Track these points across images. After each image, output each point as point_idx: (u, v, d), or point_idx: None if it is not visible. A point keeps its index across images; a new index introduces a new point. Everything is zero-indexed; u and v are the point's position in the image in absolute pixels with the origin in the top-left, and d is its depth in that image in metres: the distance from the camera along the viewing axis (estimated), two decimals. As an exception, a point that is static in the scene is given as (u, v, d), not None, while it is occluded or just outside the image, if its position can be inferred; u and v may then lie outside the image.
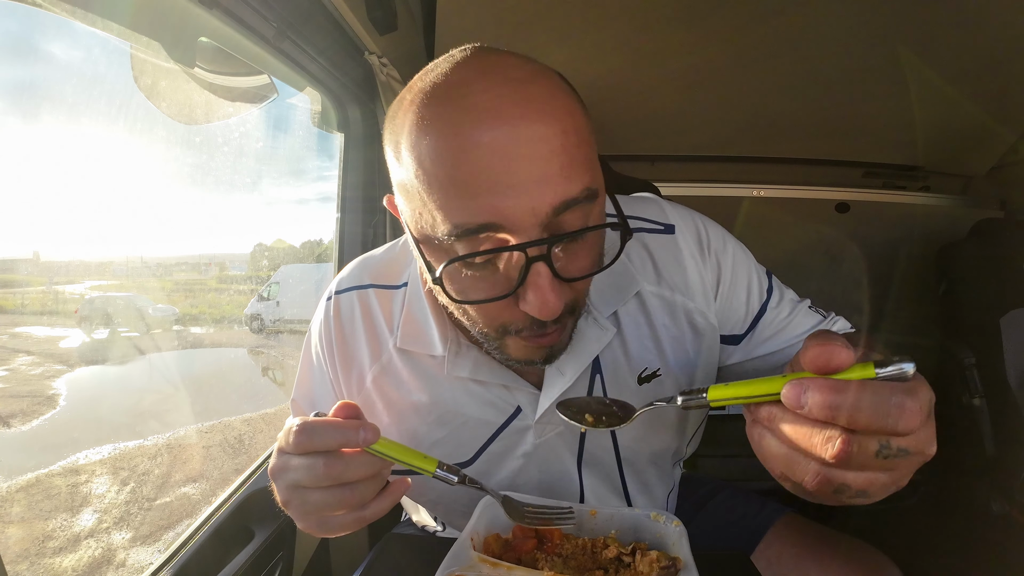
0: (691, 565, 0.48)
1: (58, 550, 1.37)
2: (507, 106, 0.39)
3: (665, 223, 0.63)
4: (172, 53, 0.77)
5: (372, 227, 1.32)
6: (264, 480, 0.91)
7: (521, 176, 0.39)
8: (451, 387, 0.60)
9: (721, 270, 0.62)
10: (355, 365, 0.63)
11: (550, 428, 0.60)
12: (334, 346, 0.63)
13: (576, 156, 0.41)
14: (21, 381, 1.93)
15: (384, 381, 0.61)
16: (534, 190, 0.39)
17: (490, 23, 1.24)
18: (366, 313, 0.63)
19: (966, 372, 1.54)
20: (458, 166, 0.39)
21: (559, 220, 0.41)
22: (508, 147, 0.39)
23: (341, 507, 0.43)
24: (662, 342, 0.60)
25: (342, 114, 1.24)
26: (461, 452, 0.61)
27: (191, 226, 2.21)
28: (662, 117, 1.59)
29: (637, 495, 0.68)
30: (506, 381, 0.58)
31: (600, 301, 0.59)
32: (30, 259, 1.65)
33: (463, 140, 0.39)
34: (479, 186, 0.39)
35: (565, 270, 0.43)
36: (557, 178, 0.40)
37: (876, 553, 0.73)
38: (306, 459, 0.43)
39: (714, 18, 1.20)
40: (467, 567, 0.48)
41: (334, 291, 0.65)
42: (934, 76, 1.34)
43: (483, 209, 0.39)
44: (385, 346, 0.62)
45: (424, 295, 0.60)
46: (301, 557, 0.97)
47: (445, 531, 0.78)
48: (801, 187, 1.80)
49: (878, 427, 0.30)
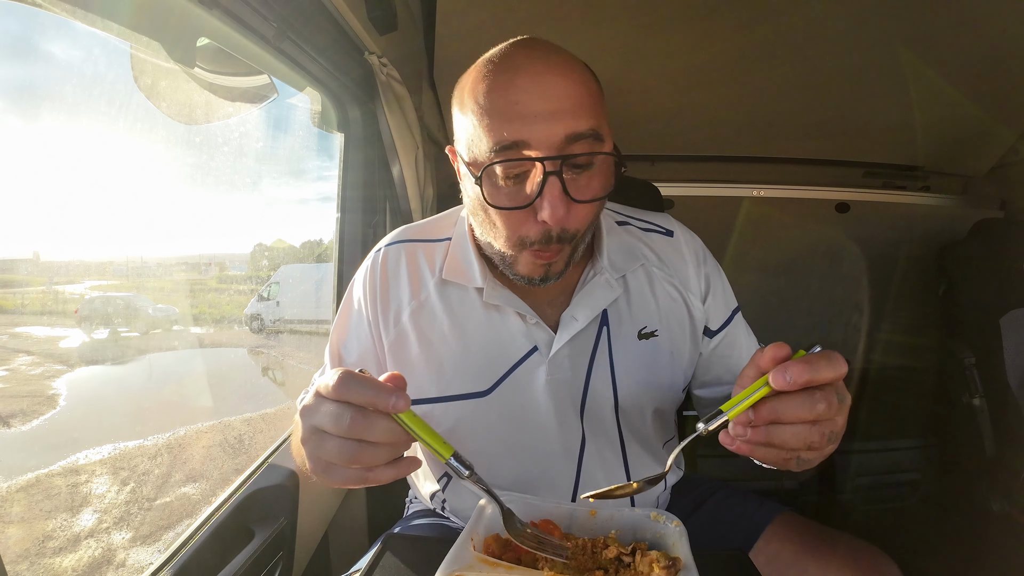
0: (691, 565, 0.48)
1: (58, 550, 1.37)
2: (537, 65, 0.55)
3: (668, 228, 0.78)
4: (172, 53, 0.77)
5: (372, 227, 1.32)
6: (264, 480, 0.91)
7: (542, 109, 0.54)
8: (480, 319, 0.69)
9: (710, 286, 0.76)
10: (394, 304, 0.71)
11: (559, 371, 0.68)
12: (377, 290, 0.72)
13: (584, 104, 0.56)
14: (21, 381, 1.93)
15: (420, 316, 0.70)
16: (552, 120, 0.54)
17: (490, 23, 1.24)
18: (411, 260, 0.73)
19: (966, 372, 1.54)
20: (500, 100, 0.55)
21: (570, 147, 0.55)
22: (535, 90, 0.54)
23: (351, 462, 0.45)
24: (661, 310, 0.72)
25: (342, 114, 1.24)
26: (481, 381, 0.68)
27: (191, 226, 2.22)
28: (662, 117, 1.59)
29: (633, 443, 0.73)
30: (528, 315, 0.68)
31: (612, 265, 0.70)
32: (30, 259, 1.65)
33: (506, 84, 0.55)
34: (513, 114, 0.54)
35: (573, 191, 0.55)
36: (569, 115, 0.54)
37: (874, 550, 0.73)
38: (337, 407, 0.45)
39: (714, 18, 1.20)
40: (467, 567, 0.48)
41: (383, 245, 0.76)
42: (934, 76, 1.34)
43: (515, 130, 0.54)
44: (425, 286, 0.71)
45: (468, 239, 0.71)
46: (301, 557, 0.97)
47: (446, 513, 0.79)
48: (801, 187, 1.80)
49: (833, 376, 0.43)
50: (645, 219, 0.79)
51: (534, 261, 0.60)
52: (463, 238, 0.72)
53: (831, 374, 0.43)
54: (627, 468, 0.73)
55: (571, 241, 0.60)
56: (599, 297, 0.69)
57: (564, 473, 0.70)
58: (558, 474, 0.70)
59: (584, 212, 0.58)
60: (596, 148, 0.56)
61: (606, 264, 0.70)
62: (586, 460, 0.71)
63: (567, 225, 0.57)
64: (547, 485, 0.71)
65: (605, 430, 0.71)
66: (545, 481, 0.71)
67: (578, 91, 0.56)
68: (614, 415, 0.71)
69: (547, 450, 0.70)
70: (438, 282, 0.71)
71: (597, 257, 0.70)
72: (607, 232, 0.73)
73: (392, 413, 0.46)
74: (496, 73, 0.56)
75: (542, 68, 0.55)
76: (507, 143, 0.55)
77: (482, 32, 1.27)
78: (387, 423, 0.46)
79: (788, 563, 0.72)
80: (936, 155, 1.71)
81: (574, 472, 0.70)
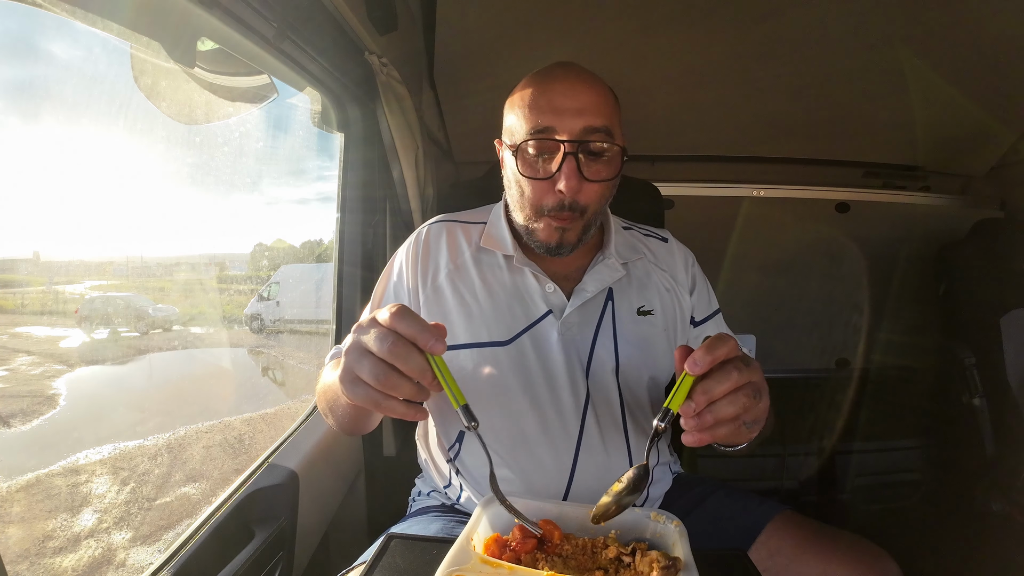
0: (691, 565, 0.49)
1: (58, 550, 1.37)
2: (570, 76, 0.74)
3: (663, 236, 0.95)
4: (172, 53, 0.77)
5: (372, 227, 1.32)
6: (264, 480, 0.91)
7: (569, 106, 0.71)
8: (507, 281, 0.82)
9: (696, 283, 0.91)
10: (432, 267, 0.84)
11: (570, 333, 0.80)
12: (419, 255, 0.85)
13: (602, 108, 0.73)
14: (21, 381, 1.93)
15: (456, 276, 0.83)
16: (575, 114, 0.71)
17: (490, 23, 1.24)
18: (451, 234, 0.87)
19: (966, 372, 1.54)
20: (539, 98, 0.73)
21: (588, 137, 0.71)
22: (566, 91, 0.72)
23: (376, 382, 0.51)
24: (657, 294, 0.86)
25: (342, 114, 1.23)
26: (504, 332, 0.79)
27: (191, 226, 2.22)
28: (662, 117, 1.59)
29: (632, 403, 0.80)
30: (548, 281, 0.81)
31: (618, 253, 0.85)
32: (30, 259, 1.65)
33: (544, 86, 0.74)
34: (548, 107, 0.72)
35: (585, 171, 0.71)
36: (589, 112, 0.71)
37: (873, 547, 0.74)
38: (385, 332, 0.51)
39: (714, 18, 1.20)
40: (467, 567, 0.48)
41: (426, 224, 0.90)
42: (934, 76, 1.34)
43: (547, 119, 0.72)
44: (463, 254, 0.85)
45: (503, 218, 0.85)
46: (301, 557, 0.97)
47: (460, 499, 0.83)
48: (801, 187, 1.79)
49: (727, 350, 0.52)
50: (645, 228, 0.96)
51: (551, 225, 0.75)
52: (499, 217, 0.87)
53: (724, 349, 0.52)
54: (625, 427, 0.79)
55: (583, 214, 0.74)
56: (606, 275, 0.82)
57: (569, 424, 0.77)
58: (563, 424, 0.77)
59: (594, 190, 0.73)
60: (608, 141, 0.72)
61: (613, 252, 0.84)
62: (588, 416, 0.77)
63: (578, 198, 0.72)
64: (552, 434, 0.76)
65: (607, 391, 0.79)
66: (551, 430, 0.76)
67: (598, 98, 0.73)
68: (615, 377, 0.80)
69: (556, 401, 0.78)
70: (474, 251, 0.85)
71: (606, 246, 0.84)
72: (615, 231, 0.87)
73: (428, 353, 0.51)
74: (538, 80, 0.75)
75: (573, 78, 0.74)
76: (540, 128, 0.72)
77: (482, 32, 1.27)
78: (421, 359, 0.51)
79: (788, 560, 0.73)
80: (936, 155, 1.71)
81: (578, 424, 0.77)
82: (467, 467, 0.81)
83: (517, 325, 0.80)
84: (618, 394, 0.79)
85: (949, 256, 1.68)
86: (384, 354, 0.50)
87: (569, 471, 0.75)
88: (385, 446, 1.28)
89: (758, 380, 0.54)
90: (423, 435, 0.92)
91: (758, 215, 1.79)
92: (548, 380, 0.78)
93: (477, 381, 0.78)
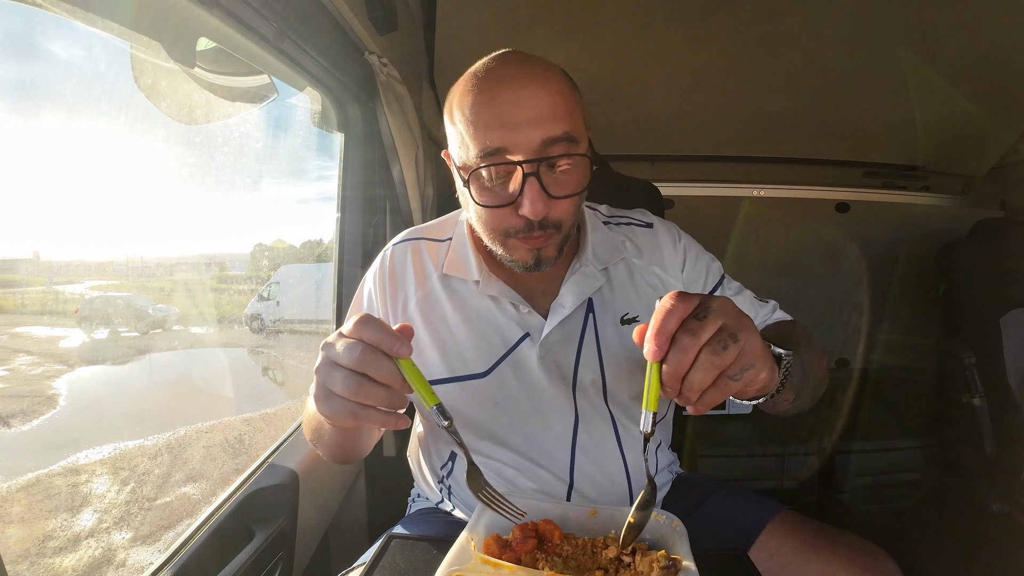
0: (691, 565, 0.48)
1: (58, 550, 1.36)
2: (517, 78, 0.62)
3: (647, 222, 0.86)
4: (172, 53, 0.77)
5: (372, 227, 1.32)
6: (264, 480, 0.91)
7: (521, 118, 0.61)
8: (478, 307, 0.76)
9: (687, 256, 0.83)
10: (401, 295, 0.79)
11: (550, 354, 0.74)
12: (386, 283, 0.79)
13: (560, 111, 0.62)
14: (21, 381, 1.93)
15: (426, 304, 0.77)
16: (530, 127, 0.61)
17: (490, 23, 1.24)
18: (416, 256, 0.81)
19: (966, 372, 1.54)
20: (484, 112, 0.62)
21: (547, 150, 0.61)
22: (515, 100, 0.61)
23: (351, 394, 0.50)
24: (642, 298, 0.78)
25: (342, 114, 1.23)
26: (480, 363, 0.74)
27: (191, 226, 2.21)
28: (662, 117, 1.59)
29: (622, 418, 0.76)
30: (521, 303, 0.74)
31: (595, 258, 0.77)
32: (30, 259, 1.65)
33: (488, 96, 0.62)
34: (496, 123, 0.61)
35: (551, 188, 0.63)
36: (545, 122, 0.61)
37: (874, 548, 0.74)
38: (351, 342, 0.50)
39: (714, 18, 1.20)
40: (467, 567, 0.48)
41: (390, 245, 0.83)
42: (934, 76, 1.34)
43: (497, 137, 0.61)
44: (430, 279, 0.79)
45: (467, 237, 0.77)
46: (301, 557, 0.97)
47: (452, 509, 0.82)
48: (801, 187, 1.80)
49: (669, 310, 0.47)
50: (627, 216, 0.88)
51: (522, 247, 0.67)
52: (463, 237, 0.79)
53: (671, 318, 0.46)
54: (619, 441, 0.76)
55: (558, 229, 0.67)
56: (584, 286, 0.75)
57: (560, 447, 0.75)
58: (554, 448, 0.75)
59: (564, 205, 0.66)
60: (571, 150, 0.63)
61: (590, 257, 0.77)
62: (580, 436, 0.75)
63: (549, 216, 0.64)
64: (544, 460, 0.75)
65: (597, 408, 0.76)
66: (543, 456, 0.75)
67: (553, 100, 0.62)
68: (602, 393, 0.75)
69: (543, 427, 0.75)
70: (441, 276, 0.78)
71: (582, 252, 0.77)
72: (592, 229, 0.80)
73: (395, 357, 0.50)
74: (480, 86, 0.63)
75: (521, 80, 0.62)
76: (491, 149, 0.62)
77: (482, 32, 1.27)
78: (389, 364, 0.50)
79: (788, 561, 0.73)
80: (936, 155, 1.71)
81: (569, 447, 0.75)
82: (459, 485, 0.80)
83: (494, 354, 0.74)
84: (607, 410, 0.76)
85: (949, 256, 1.68)
86: (353, 364, 0.49)
87: (565, 494, 0.75)
88: (385, 447, 1.28)
89: (729, 322, 0.47)
90: (413, 452, 0.91)
91: (758, 215, 1.79)
92: (533, 405, 0.74)
93: (459, 416, 0.74)
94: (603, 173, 1.25)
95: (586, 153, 0.66)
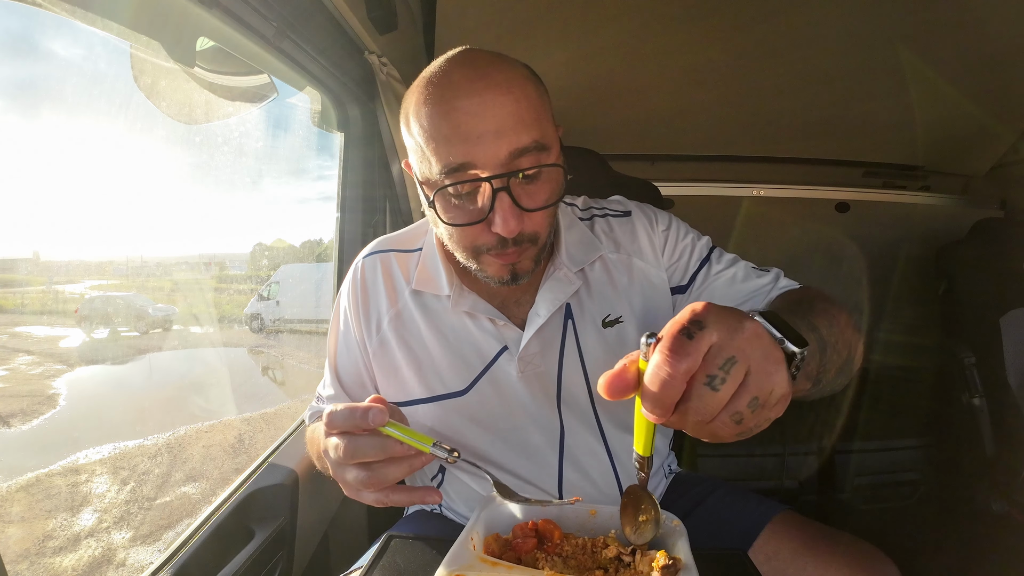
0: (691, 564, 0.48)
1: (58, 550, 1.37)
2: (476, 84, 0.56)
3: (624, 210, 0.81)
4: (172, 53, 0.77)
5: (372, 227, 1.32)
6: (264, 480, 0.91)
7: (485, 129, 0.56)
8: (452, 323, 0.73)
9: (667, 237, 0.78)
10: (374, 313, 0.76)
11: (531, 367, 0.71)
12: (359, 301, 0.76)
13: (526, 118, 0.57)
14: (21, 381, 1.93)
15: (399, 323, 0.74)
16: (494, 139, 0.56)
17: (490, 23, 1.24)
18: (386, 270, 0.77)
19: (966, 372, 1.54)
20: (443, 124, 0.56)
21: (516, 162, 0.57)
22: (476, 110, 0.56)
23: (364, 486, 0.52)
24: (622, 296, 0.74)
25: (342, 113, 1.23)
26: (458, 381, 0.72)
27: (191, 226, 2.20)
28: (662, 117, 1.59)
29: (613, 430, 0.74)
30: (496, 317, 0.71)
31: (570, 260, 0.73)
32: (30, 259, 1.65)
33: (446, 106, 0.56)
34: (457, 137, 0.56)
35: (523, 201, 0.58)
36: (511, 132, 0.56)
37: (873, 549, 0.73)
38: (334, 439, 0.52)
39: (714, 18, 1.20)
40: (467, 567, 0.48)
41: (360, 258, 0.80)
42: (934, 76, 1.34)
43: (460, 152, 0.56)
44: (402, 294, 0.75)
45: (437, 249, 0.74)
46: (301, 557, 0.97)
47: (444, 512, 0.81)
48: (801, 187, 1.80)
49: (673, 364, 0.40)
50: (603, 207, 0.83)
51: (496, 262, 0.64)
52: (432, 248, 0.76)
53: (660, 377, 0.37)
54: (610, 454, 0.74)
55: (534, 242, 0.63)
56: (559, 291, 0.72)
57: (547, 464, 0.73)
58: (541, 465, 0.73)
59: (538, 218, 0.61)
60: (542, 159, 0.59)
61: (564, 259, 0.73)
62: (567, 450, 0.73)
63: (524, 230, 0.60)
64: (531, 477, 0.73)
65: (584, 419, 0.73)
66: (530, 473, 0.73)
67: (518, 107, 0.57)
68: (590, 403, 0.73)
69: (528, 443, 0.73)
70: (412, 291, 0.75)
71: (556, 254, 0.73)
72: (566, 228, 0.76)
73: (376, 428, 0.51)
74: (437, 96, 0.57)
75: (481, 87, 0.56)
76: (454, 165, 0.57)
77: (482, 32, 1.27)
78: (372, 439, 0.51)
79: (787, 561, 0.73)
80: (936, 155, 1.71)
81: (556, 462, 0.73)
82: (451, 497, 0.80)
83: (472, 371, 0.72)
84: (595, 420, 0.73)
85: (949, 256, 1.68)
86: (344, 458, 0.51)
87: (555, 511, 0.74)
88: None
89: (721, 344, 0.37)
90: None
91: (758, 215, 1.79)
92: (516, 422, 0.72)
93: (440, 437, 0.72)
94: (603, 172, 1.25)
95: (558, 161, 0.61)
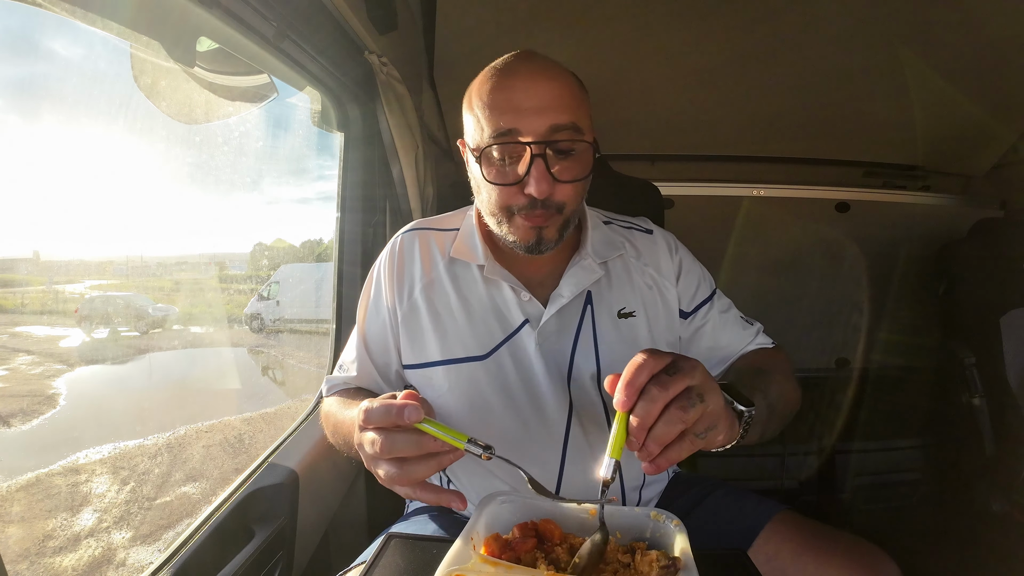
0: (691, 564, 0.48)
1: (58, 549, 1.36)
2: (531, 70, 0.69)
3: (648, 229, 0.90)
4: (172, 53, 0.77)
5: (372, 227, 1.32)
6: (264, 480, 0.91)
7: (532, 104, 0.67)
8: (482, 294, 0.80)
9: (682, 267, 0.86)
10: (408, 280, 0.82)
11: (548, 343, 0.77)
12: (394, 268, 0.83)
13: (567, 103, 0.68)
14: (21, 381, 1.93)
15: (431, 290, 0.81)
16: (538, 113, 0.67)
17: (490, 23, 1.24)
18: (424, 244, 0.85)
19: (966, 372, 1.54)
20: (499, 97, 0.68)
21: (554, 136, 0.67)
22: (527, 89, 0.68)
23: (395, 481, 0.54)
24: (638, 294, 0.82)
25: (342, 113, 1.23)
26: (481, 346, 0.78)
27: (191, 226, 2.21)
28: (662, 117, 1.59)
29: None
30: (522, 290, 0.78)
31: (595, 252, 0.81)
32: (30, 259, 1.65)
33: (504, 83, 0.69)
34: (508, 107, 0.67)
35: (555, 171, 0.68)
36: (553, 110, 0.67)
37: (873, 548, 0.73)
38: (369, 433, 0.54)
39: (714, 18, 1.20)
40: (467, 567, 0.48)
41: (400, 233, 0.87)
42: (934, 76, 1.34)
43: (509, 120, 0.67)
44: (436, 266, 0.82)
45: (475, 225, 0.82)
46: (301, 557, 0.97)
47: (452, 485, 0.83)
48: (801, 187, 1.80)
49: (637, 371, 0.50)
50: (628, 220, 0.92)
51: (525, 225, 0.71)
52: (471, 225, 0.84)
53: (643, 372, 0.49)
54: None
55: (560, 211, 0.71)
56: (583, 278, 0.79)
57: (553, 435, 0.76)
58: (548, 435, 0.76)
59: (567, 189, 0.70)
60: (576, 138, 0.68)
61: (590, 251, 0.80)
62: (573, 425, 0.77)
63: (552, 197, 0.69)
64: (537, 445, 0.76)
65: (590, 399, 0.77)
66: (536, 442, 0.76)
67: (562, 92, 0.69)
68: (596, 385, 0.77)
69: (538, 412, 0.77)
70: (447, 262, 0.82)
71: (582, 246, 0.80)
72: (592, 227, 0.83)
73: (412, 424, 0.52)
74: (497, 76, 0.70)
75: (534, 73, 0.69)
76: (503, 130, 0.67)
77: (482, 32, 1.27)
78: (408, 436, 0.53)
79: (787, 561, 0.73)
80: (936, 155, 1.71)
81: (563, 435, 0.76)
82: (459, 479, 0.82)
83: (494, 339, 0.78)
84: (601, 401, 0.77)
85: (949, 256, 1.68)
86: (380, 453, 0.53)
87: (556, 481, 0.76)
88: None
89: (697, 383, 0.50)
90: None
91: (758, 215, 1.79)
92: (529, 392, 0.77)
93: (455, 398, 0.77)
94: (603, 172, 1.25)
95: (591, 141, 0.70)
